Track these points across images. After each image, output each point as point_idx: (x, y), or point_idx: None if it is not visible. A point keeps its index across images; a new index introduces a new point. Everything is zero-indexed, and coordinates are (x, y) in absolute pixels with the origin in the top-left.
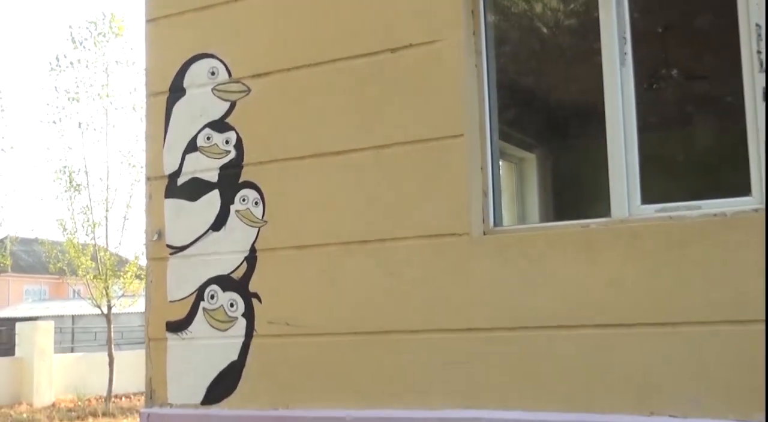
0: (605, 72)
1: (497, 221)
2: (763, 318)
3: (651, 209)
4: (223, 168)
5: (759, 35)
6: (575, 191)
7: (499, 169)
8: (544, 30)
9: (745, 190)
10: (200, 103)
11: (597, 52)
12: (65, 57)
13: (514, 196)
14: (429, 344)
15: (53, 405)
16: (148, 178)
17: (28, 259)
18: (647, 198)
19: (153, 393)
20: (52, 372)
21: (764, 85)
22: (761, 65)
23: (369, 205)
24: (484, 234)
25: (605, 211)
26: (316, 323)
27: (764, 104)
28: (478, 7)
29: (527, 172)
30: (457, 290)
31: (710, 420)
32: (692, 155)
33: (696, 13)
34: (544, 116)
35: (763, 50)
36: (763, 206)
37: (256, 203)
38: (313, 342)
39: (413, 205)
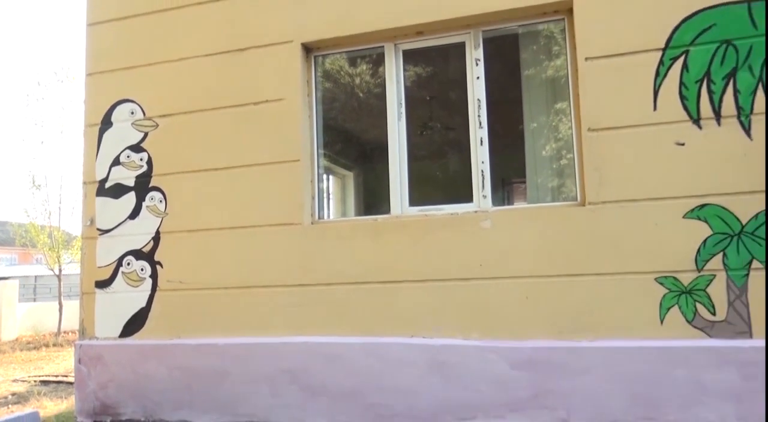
0: (389, 123)
1: (320, 215)
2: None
3: (415, 209)
4: (138, 177)
5: (479, 106)
6: (374, 197)
7: (323, 182)
8: (359, 94)
9: (469, 199)
10: (123, 133)
11: (386, 110)
12: (32, 94)
13: (340, 199)
14: (276, 294)
15: (17, 339)
16: (84, 182)
17: (2, 235)
18: (413, 202)
19: (84, 329)
20: (17, 316)
21: (483, 136)
22: (480, 124)
23: (237, 203)
24: (312, 223)
25: (388, 210)
26: (199, 281)
27: (482, 148)
28: (311, 79)
29: (348, 184)
30: (293, 259)
31: (447, 338)
32: (443, 176)
33: (449, 89)
34: (358, 148)
35: (483, 115)
36: (479, 209)
37: (161, 201)
38: (197, 293)
39: (267, 203)
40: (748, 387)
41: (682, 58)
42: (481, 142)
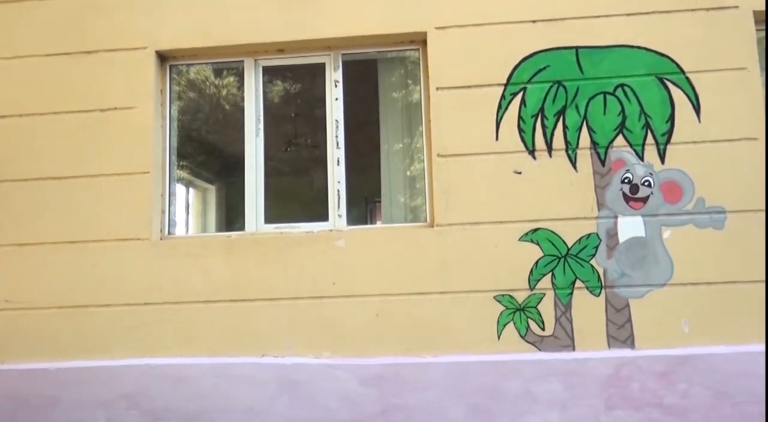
0: (246, 139)
1: (171, 231)
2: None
3: (270, 227)
4: None
5: (337, 126)
6: (235, 212)
7: (176, 196)
8: (225, 106)
9: (325, 217)
10: None
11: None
12: None
13: (201, 213)
14: (117, 313)
15: None
16: None
17: None
18: (269, 219)
19: None
20: None
21: (340, 156)
22: (337, 144)
23: (78, 216)
24: (161, 239)
25: (243, 226)
26: (28, 300)
27: (338, 168)
28: (165, 88)
29: (209, 198)
30: (138, 277)
31: (298, 357)
32: (304, 194)
33: (314, 107)
34: (221, 161)
35: (341, 135)
36: (334, 228)
37: None
38: (26, 314)
39: (112, 217)
40: (571, 395)
41: (520, 94)
42: (338, 161)
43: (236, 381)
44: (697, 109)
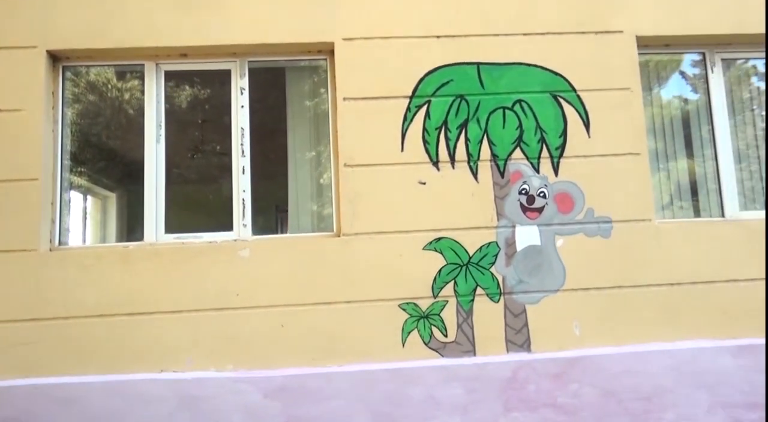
0: (146, 146)
1: (63, 241)
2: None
3: (171, 237)
4: None
5: (243, 134)
6: (135, 221)
7: (69, 205)
8: (128, 110)
9: (229, 227)
10: None
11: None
12: None
13: (100, 223)
14: (4, 330)
15: None
16: None
17: None
18: (170, 229)
19: None
20: None
21: (245, 164)
22: (243, 152)
23: None
24: (51, 250)
25: (142, 237)
26: None
27: (243, 177)
28: (58, 90)
29: (109, 207)
30: (25, 290)
31: (199, 371)
32: (209, 203)
33: (223, 114)
34: (121, 169)
35: (246, 143)
36: (239, 238)
37: None
38: None
39: None
40: (472, 399)
41: (425, 107)
42: (243, 170)
43: (132, 400)
44: (587, 125)
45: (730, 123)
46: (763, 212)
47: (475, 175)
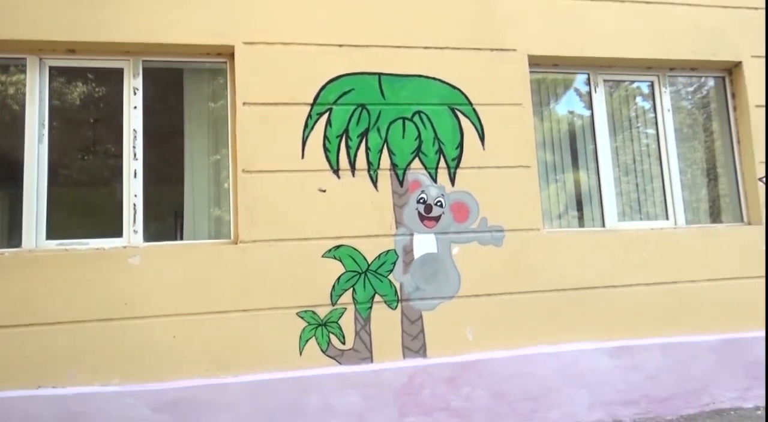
0: (27, 146)
1: None
2: None
3: (53, 243)
4: None
5: (135, 137)
6: (11, 225)
7: None
8: (7, 108)
9: (119, 233)
10: None
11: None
12: None
13: None
14: None
15: None
16: None
17: None
18: (52, 235)
19: None
20: None
21: (138, 168)
22: (135, 155)
23: None
24: None
25: (20, 243)
26: None
27: (135, 180)
28: None
29: None
30: None
31: (82, 386)
32: (98, 207)
33: (116, 114)
34: (2, 169)
35: (139, 146)
36: (129, 244)
37: None
38: None
39: None
40: (368, 406)
41: (326, 115)
42: (135, 173)
43: (5, 420)
44: (482, 137)
45: (618, 139)
46: (640, 223)
47: (374, 183)
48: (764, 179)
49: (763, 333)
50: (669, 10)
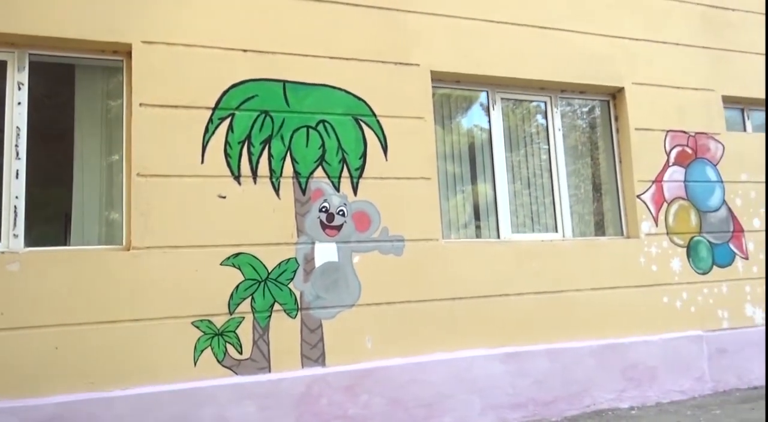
0: None
1: None
2: None
3: None
4: None
5: (18, 135)
6: None
7: None
8: None
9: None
10: None
11: None
12: None
13: None
14: None
15: None
16: None
17: None
18: None
19: None
20: None
21: (20, 168)
22: (17, 155)
23: None
24: None
25: None
26: None
27: (17, 181)
28: None
29: None
30: None
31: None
32: None
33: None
34: None
35: (22, 145)
36: (8, 250)
37: None
38: None
39: None
40: (264, 417)
41: (228, 120)
42: (17, 174)
43: None
44: (384, 149)
45: (514, 154)
46: (532, 234)
47: (276, 191)
48: (640, 196)
49: (638, 339)
50: (563, 36)
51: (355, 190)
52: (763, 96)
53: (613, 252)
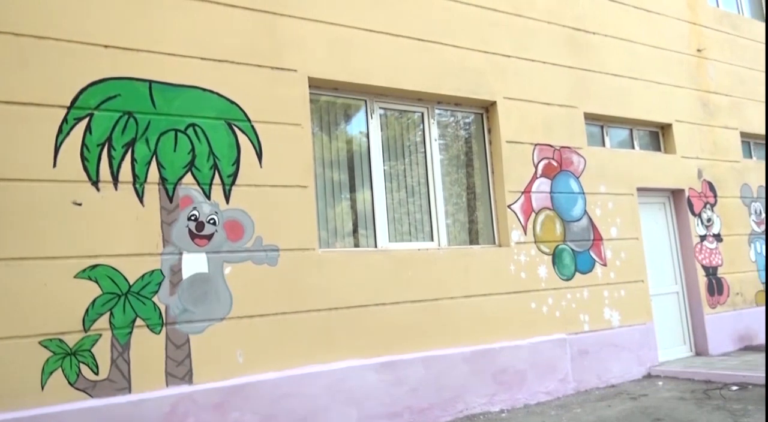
0: None
1: None
2: None
3: None
4: None
5: None
6: None
7: None
8: None
9: None
10: None
11: None
12: None
13: None
14: None
15: None
16: None
17: None
18: None
19: None
20: None
21: None
22: None
23: None
24: None
25: None
26: None
27: None
28: None
29: None
30: None
31: None
32: None
33: None
34: None
35: None
36: None
37: None
38: None
39: None
40: None
41: (86, 120)
42: None
43: None
44: (259, 155)
45: (393, 164)
46: (408, 243)
47: (140, 198)
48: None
49: (508, 344)
50: (440, 49)
51: (227, 198)
52: (619, 114)
53: (486, 260)
